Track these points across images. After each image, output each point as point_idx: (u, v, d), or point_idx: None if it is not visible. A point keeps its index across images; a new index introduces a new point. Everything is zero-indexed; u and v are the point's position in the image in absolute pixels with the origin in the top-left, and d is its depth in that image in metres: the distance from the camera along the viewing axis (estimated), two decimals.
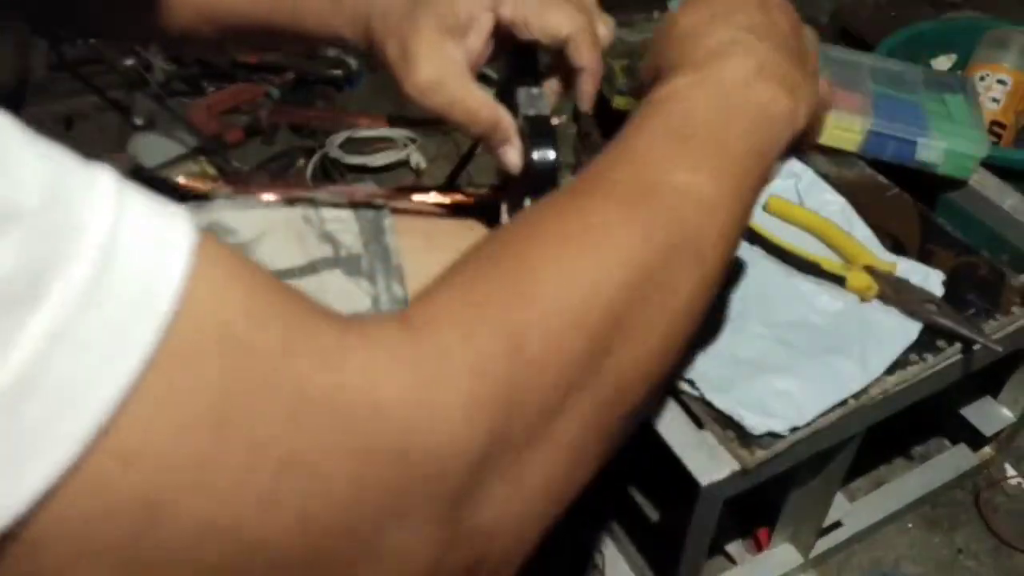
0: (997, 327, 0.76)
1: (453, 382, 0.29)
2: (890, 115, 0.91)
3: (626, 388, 0.35)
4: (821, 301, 0.76)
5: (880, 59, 1.04)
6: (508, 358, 0.30)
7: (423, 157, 1.34)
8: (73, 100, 1.38)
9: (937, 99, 0.97)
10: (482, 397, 0.29)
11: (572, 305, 0.33)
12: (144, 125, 1.37)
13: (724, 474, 0.65)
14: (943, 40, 1.18)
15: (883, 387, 0.70)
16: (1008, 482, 1.01)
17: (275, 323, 0.25)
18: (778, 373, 0.69)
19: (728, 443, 0.66)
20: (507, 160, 0.55)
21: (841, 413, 0.68)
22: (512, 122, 0.54)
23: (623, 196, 0.37)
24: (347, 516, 0.26)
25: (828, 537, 0.91)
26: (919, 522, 0.98)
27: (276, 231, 0.60)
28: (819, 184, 0.87)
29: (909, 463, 1.03)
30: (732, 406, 0.67)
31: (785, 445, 0.66)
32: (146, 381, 0.22)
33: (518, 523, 0.33)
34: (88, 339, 0.21)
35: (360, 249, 0.60)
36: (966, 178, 0.90)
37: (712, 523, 0.71)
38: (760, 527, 0.90)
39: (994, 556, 0.95)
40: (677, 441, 0.67)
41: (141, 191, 0.24)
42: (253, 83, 1.46)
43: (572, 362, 0.32)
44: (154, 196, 0.24)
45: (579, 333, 0.33)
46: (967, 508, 0.99)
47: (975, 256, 0.82)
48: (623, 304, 0.34)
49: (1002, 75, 1.07)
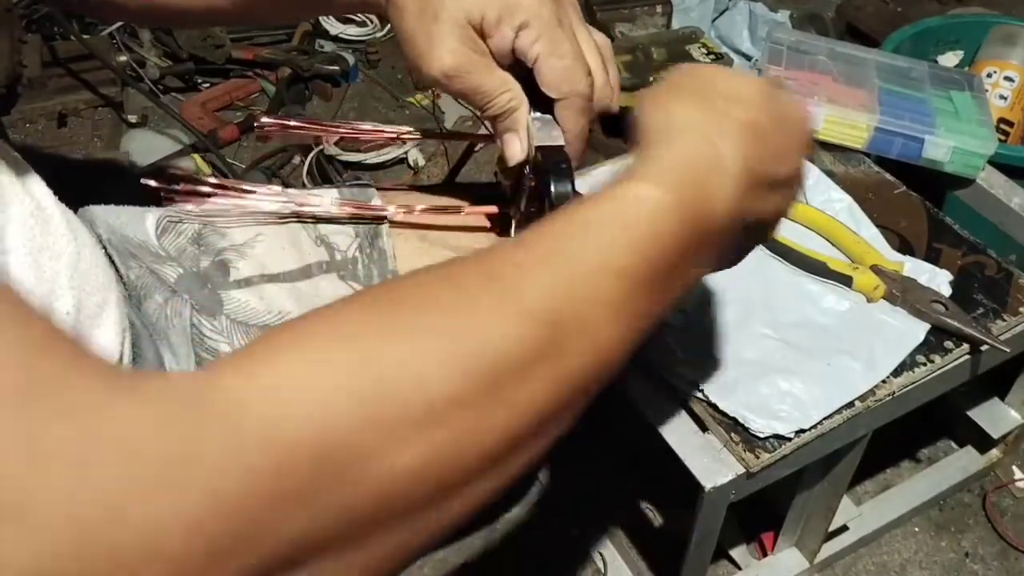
0: (1005, 328, 0.75)
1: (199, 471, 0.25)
2: (897, 112, 0.90)
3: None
4: (827, 301, 0.75)
5: (886, 56, 1.02)
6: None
7: (421, 155, 1.32)
8: (66, 97, 1.36)
9: (944, 96, 0.95)
10: (222, 500, 0.25)
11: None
12: (138, 122, 1.36)
13: (728, 477, 0.64)
14: (950, 36, 1.17)
15: (890, 389, 0.69)
16: (1016, 485, 0.99)
17: (20, 367, 0.24)
18: (783, 375, 0.68)
19: (733, 446, 0.65)
20: (509, 149, 0.54)
21: (847, 415, 0.67)
22: (526, 113, 0.53)
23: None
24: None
25: (834, 541, 0.90)
26: (926, 525, 0.97)
27: (270, 234, 0.58)
28: (825, 182, 0.85)
29: (916, 466, 1.01)
30: (737, 409, 0.66)
31: (790, 448, 0.65)
32: None
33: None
34: None
35: (356, 253, 0.59)
36: (973, 176, 0.89)
37: (716, 527, 0.70)
38: (765, 531, 0.89)
39: (1002, 560, 0.94)
40: (681, 444, 0.66)
41: None
42: (248, 79, 1.44)
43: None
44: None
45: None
46: (974, 511, 0.98)
47: (983, 255, 0.80)
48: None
49: (1010, 72, 1.06)
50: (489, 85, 0.52)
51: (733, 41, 1.32)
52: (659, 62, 0.96)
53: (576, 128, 0.53)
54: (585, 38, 0.53)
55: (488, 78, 0.51)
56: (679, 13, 1.21)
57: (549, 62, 0.51)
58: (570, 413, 0.36)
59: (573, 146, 0.54)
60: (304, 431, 0.27)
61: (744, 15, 1.34)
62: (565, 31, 0.51)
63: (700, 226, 0.40)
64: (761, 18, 1.33)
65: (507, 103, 0.52)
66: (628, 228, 0.37)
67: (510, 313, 0.33)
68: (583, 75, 0.52)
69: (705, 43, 1.00)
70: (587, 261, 0.36)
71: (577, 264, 0.36)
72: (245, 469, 0.26)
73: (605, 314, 0.35)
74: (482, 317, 0.33)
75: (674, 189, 0.39)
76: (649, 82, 0.93)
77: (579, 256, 0.36)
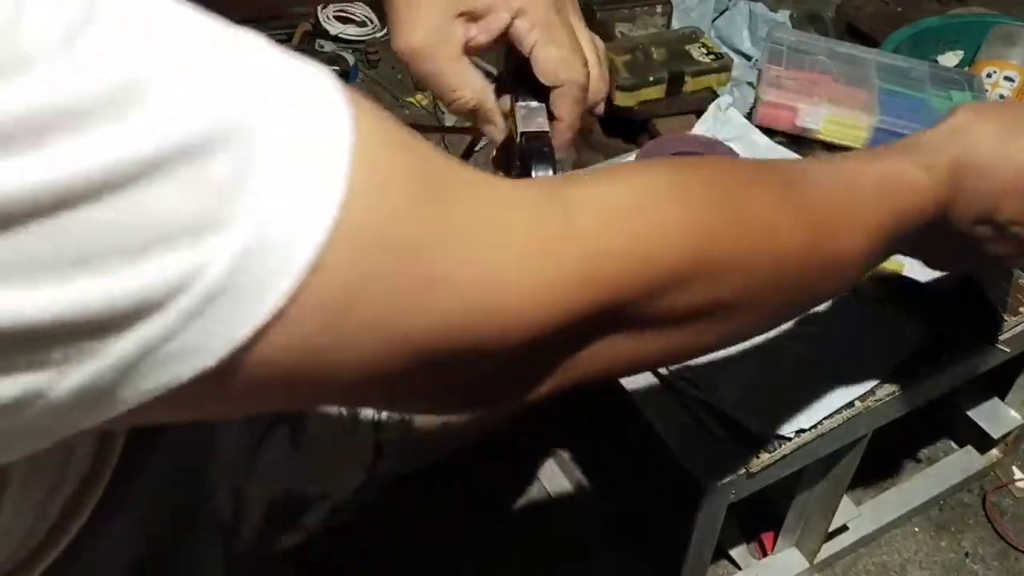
0: (1005, 328, 0.75)
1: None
2: (896, 112, 0.90)
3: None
4: (828, 302, 0.75)
5: (886, 55, 1.02)
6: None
7: None
8: None
9: (944, 96, 0.95)
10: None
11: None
12: None
13: (729, 477, 0.64)
14: (950, 36, 1.17)
15: (890, 389, 0.69)
16: (1016, 485, 0.99)
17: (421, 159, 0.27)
18: (784, 375, 0.68)
19: (732, 446, 0.65)
20: (488, 134, 0.56)
21: (847, 415, 0.67)
22: (495, 106, 0.54)
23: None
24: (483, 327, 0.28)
25: (834, 541, 0.90)
26: (926, 525, 0.97)
27: None
28: None
29: (916, 466, 1.01)
30: (737, 409, 0.66)
31: (790, 448, 0.65)
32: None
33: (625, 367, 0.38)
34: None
35: None
36: None
37: (716, 527, 0.70)
38: (765, 531, 0.89)
39: (1001, 559, 0.94)
40: (681, 444, 0.65)
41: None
42: None
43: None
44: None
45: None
46: (974, 511, 0.98)
47: None
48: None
49: (1009, 71, 1.06)
50: (451, 76, 0.51)
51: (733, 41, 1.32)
52: (659, 62, 0.96)
53: (569, 118, 0.54)
54: (581, 29, 0.53)
55: (451, 68, 0.51)
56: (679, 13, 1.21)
57: (546, 50, 0.51)
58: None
59: (565, 135, 0.54)
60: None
61: (744, 15, 1.34)
62: (562, 21, 0.52)
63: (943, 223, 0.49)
64: (761, 18, 1.33)
65: (466, 102, 0.53)
66: (901, 195, 0.46)
67: (793, 213, 0.40)
68: (580, 64, 0.52)
69: (705, 43, 1.00)
70: (864, 207, 0.43)
71: (856, 200, 0.43)
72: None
73: (848, 231, 0.42)
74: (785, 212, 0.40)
75: (949, 190, 0.48)
76: (649, 82, 0.93)
77: (860, 197, 0.44)
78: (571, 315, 0.30)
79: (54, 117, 0.19)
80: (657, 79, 0.94)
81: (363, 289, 0.24)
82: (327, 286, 0.23)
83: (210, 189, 0.21)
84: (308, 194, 0.22)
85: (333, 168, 0.23)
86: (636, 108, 0.94)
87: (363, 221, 0.23)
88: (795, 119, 0.90)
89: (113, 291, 0.20)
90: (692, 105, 0.96)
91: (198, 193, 0.21)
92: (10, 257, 0.19)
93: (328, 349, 0.24)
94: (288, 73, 0.23)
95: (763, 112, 0.91)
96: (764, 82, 0.93)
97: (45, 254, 0.19)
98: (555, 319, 0.30)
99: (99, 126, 0.19)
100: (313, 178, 0.22)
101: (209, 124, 0.21)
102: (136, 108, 0.20)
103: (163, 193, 0.20)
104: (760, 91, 0.92)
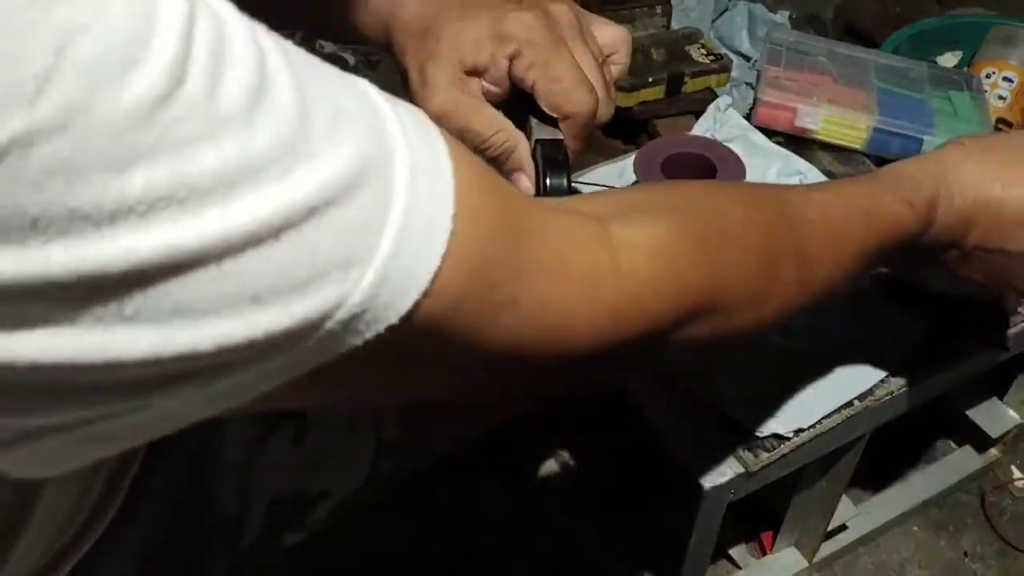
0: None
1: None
2: (895, 112, 0.90)
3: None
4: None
5: (885, 56, 1.02)
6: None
7: None
8: None
9: (943, 96, 0.96)
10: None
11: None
12: None
13: (728, 477, 0.64)
14: (949, 37, 1.17)
15: (889, 389, 0.69)
16: (1015, 484, 1.00)
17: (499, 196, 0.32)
18: (783, 375, 0.68)
19: (732, 446, 0.65)
20: (519, 187, 0.55)
21: (846, 415, 0.67)
22: (526, 149, 0.54)
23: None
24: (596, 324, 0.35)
25: (833, 540, 0.90)
26: (925, 525, 0.97)
27: None
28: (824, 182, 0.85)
29: (915, 465, 1.01)
30: (736, 409, 0.66)
31: (790, 448, 0.65)
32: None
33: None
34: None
35: None
36: None
37: (716, 526, 0.70)
38: (764, 530, 0.89)
39: (1000, 559, 0.94)
40: (680, 444, 0.66)
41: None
42: None
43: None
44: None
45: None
46: (973, 511, 0.98)
47: None
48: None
49: (1008, 72, 1.06)
50: (479, 126, 0.52)
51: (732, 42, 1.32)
52: (658, 63, 0.96)
53: (576, 143, 0.54)
54: (584, 54, 0.53)
55: (477, 119, 0.52)
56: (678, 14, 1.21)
57: (547, 87, 0.52)
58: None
59: (573, 151, 0.55)
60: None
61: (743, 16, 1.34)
62: (560, 52, 0.52)
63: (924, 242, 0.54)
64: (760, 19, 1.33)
65: (502, 144, 0.53)
66: (885, 227, 0.51)
67: (791, 249, 0.45)
68: (584, 94, 0.52)
69: (704, 44, 1.00)
70: (852, 234, 0.49)
71: (844, 234, 0.49)
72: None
73: (834, 261, 0.48)
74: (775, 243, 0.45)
75: (927, 220, 0.53)
76: (648, 82, 0.93)
77: (847, 231, 0.49)
78: (614, 342, 0.36)
79: (241, 173, 0.22)
80: (656, 80, 0.94)
81: (455, 309, 0.28)
82: (432, 305, 0.27)
83: (356, 227, 0.25)
84: (426, 231, 0.26)
85: (443, 206, 0.27)
86: (635, 109, 0.94)
87: (460, 253, 0.27)
88: (794, 119, 0.91)
89: (282, 322, 0.24)
90: (691, 106, 0.96)
91: (347, 232, 0.24)
92: (226, 289, 0.22)
93: (424, 353, 0.29)
94: (400, 115, 0.27)
95: (762, 112, 0.91)
96: (763, 83, 0.93)
97: (234, 289, 0.23)
98: (603, 343, 0.35)
99: (276, 179, 0.23)
100: (430, 216, 0.27)
101: (358, 167, 0.24)
102: (302, 160, 0.23)
103: (320, 234, 0.24)
104: (759, 92, 0.92)
